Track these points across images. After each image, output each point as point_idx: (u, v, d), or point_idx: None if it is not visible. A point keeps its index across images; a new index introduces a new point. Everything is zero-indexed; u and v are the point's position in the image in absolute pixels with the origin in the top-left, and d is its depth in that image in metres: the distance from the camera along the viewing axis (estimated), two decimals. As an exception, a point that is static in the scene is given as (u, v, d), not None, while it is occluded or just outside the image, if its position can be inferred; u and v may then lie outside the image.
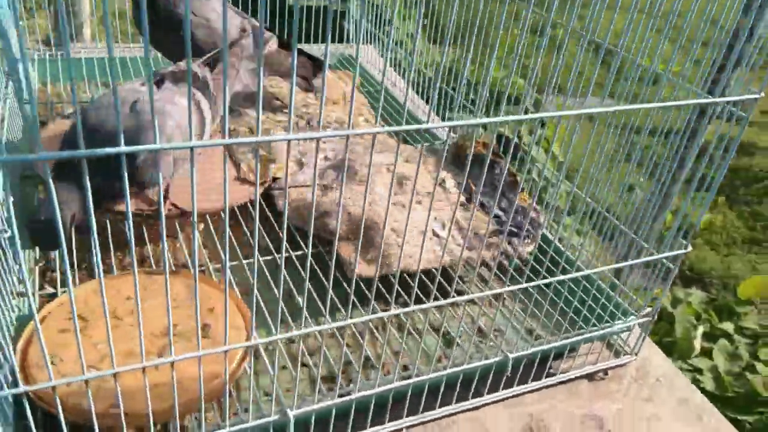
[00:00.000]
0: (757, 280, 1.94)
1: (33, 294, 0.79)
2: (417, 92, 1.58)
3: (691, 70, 0.76)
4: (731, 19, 0.78)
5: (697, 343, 1.61)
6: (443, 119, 1.49)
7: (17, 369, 0.58)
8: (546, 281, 0.72)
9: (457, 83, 1.51)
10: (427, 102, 1.51)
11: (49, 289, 0.82)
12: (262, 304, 0.77)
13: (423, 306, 0.65)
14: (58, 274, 0.83)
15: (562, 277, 0.71)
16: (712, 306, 1.82)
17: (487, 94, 2.20)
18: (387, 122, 1.36)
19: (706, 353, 1.59)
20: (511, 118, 0.55)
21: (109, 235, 0.91)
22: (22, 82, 0.92)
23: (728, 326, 1.82)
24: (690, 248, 0.80)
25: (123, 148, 0.40)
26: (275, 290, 0.85)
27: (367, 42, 1.77)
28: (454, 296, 0.67)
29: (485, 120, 0.51)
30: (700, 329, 1.67)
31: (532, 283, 0.71)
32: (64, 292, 0.79)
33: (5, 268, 0.69)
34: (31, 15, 1.43)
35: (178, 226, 0.96)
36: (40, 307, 0.73)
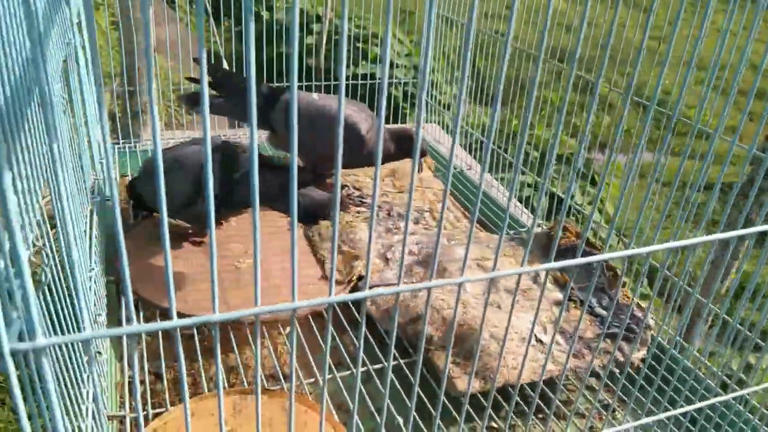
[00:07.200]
0: None
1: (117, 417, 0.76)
2: (469, 152, 1.59)
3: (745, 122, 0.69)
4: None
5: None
6: (498, 180, 1.45)
7: None
8: (683, 410, 0.64)
9: (503, 142, 1.49)
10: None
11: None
12: (360, 424, 0.73)
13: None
14: (147, 391, 0.80)
15: (702, 404, 0.64)
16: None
17: (537, 154, 2.16)
18: (467, 209, 1.32)
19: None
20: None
21: (196, 341, 0.89)
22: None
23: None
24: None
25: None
26: (369, 404, 0.80)
27: (429, 120, 1.76)
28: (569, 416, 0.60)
29: (635, 251, 0.46)
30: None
31: (668, 414, 0.63)
32: (156, 413, 0.76)
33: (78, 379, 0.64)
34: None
35: (265, 331, 0.93)
36: None
